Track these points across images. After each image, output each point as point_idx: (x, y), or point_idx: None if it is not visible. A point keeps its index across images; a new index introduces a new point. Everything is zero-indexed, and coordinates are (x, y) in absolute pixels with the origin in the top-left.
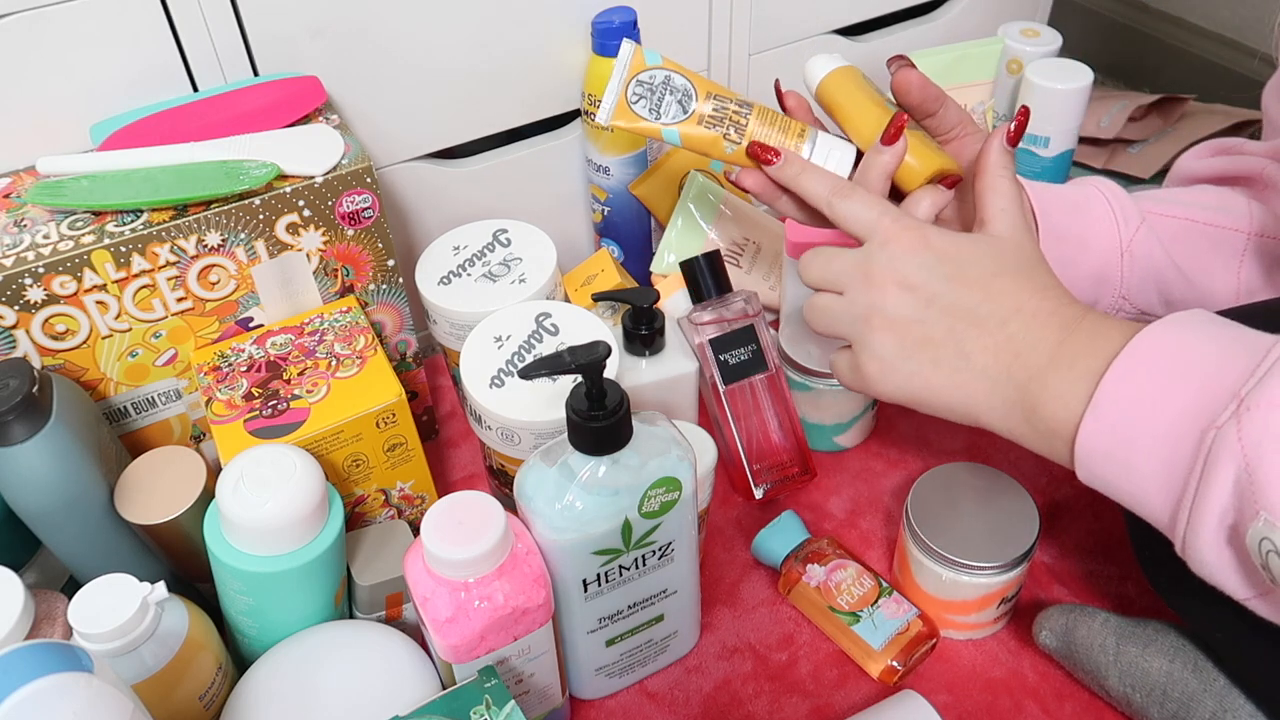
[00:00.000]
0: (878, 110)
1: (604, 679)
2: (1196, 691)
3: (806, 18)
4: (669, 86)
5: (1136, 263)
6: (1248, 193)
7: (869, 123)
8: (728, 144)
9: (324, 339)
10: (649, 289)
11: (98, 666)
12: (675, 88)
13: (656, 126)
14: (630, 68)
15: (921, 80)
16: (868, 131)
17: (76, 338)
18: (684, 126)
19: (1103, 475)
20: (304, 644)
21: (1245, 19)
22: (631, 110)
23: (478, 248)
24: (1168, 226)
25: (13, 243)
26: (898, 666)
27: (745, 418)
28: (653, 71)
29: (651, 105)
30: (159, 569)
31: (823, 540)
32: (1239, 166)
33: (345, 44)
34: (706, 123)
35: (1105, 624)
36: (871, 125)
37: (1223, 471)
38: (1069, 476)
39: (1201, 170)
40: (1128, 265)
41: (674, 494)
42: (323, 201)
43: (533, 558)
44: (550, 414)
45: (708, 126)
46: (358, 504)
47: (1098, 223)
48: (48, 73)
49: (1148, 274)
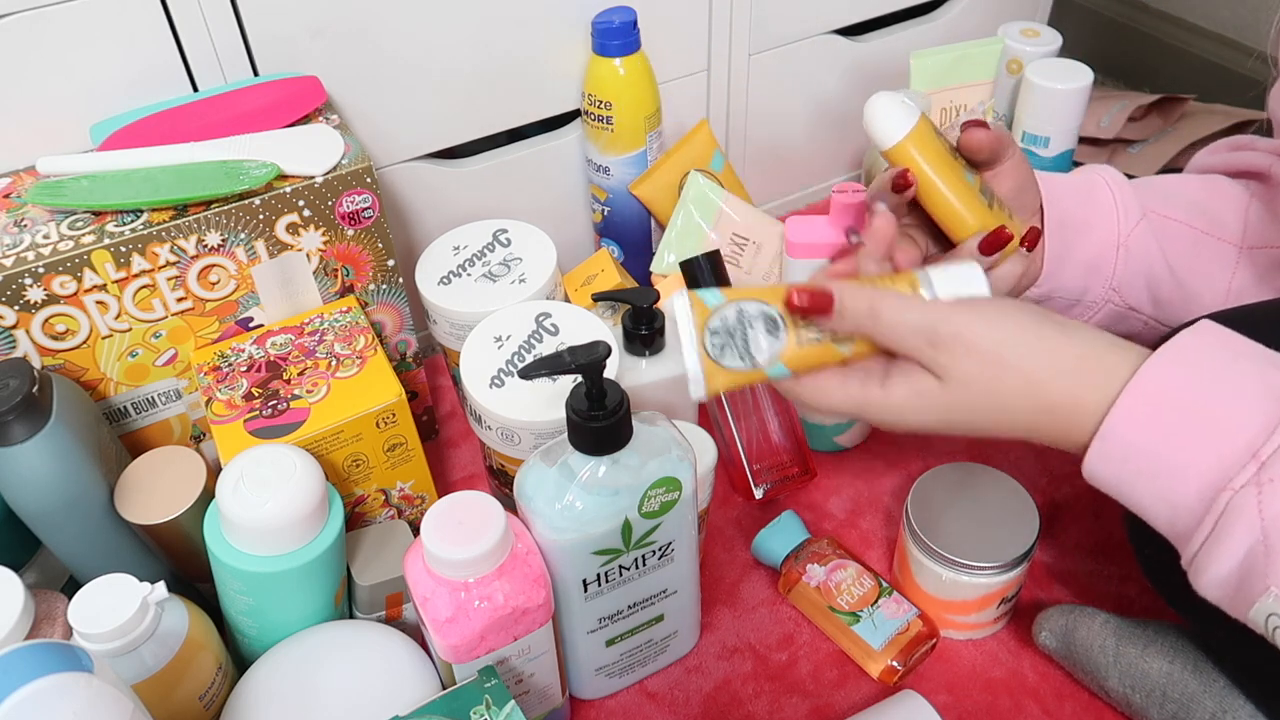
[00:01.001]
0: (972, 201)
1: (604, 679)
2: (1196, 692)
3: (806, 18)
4: (744, 319)
5: (1131, 257)
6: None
7: (963, 222)
8: (841, 346)
9: (324, 339)
10: (649, 289)
11: (98, 666)
12: (752, 317)
13: (761, 371)
14: (695, 323)
15: (991, 139)
16: (958, 226)
17: (76, 338)
18: (787, 356)
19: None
20: (304, 644)
21: (1245, 19)
22: (722, 368)
23: (478, 248)
24: (1166, 228)
25: (13, 243)
26: (898, 666)
27: (745, 418)
28: (721, 314)
29: (739, 350)
30: (159, 569)
31: (823, 540)
32: (1248, 161)
33: (345, 44)
34: (807, 342)
35: (1105, 624)
36: (965, 222)
37: (1237, 538)
38: (1069, 476)
39: (1215, 164)
40: (1122, 259)
41: (674, 494)
42: (323, 201)
43: (533, 558)
44: (550, 414)
45: (810, 343)
46: (358, 504)
47: (1100, 211)
48: (48, 73)
49: (1140, 270)
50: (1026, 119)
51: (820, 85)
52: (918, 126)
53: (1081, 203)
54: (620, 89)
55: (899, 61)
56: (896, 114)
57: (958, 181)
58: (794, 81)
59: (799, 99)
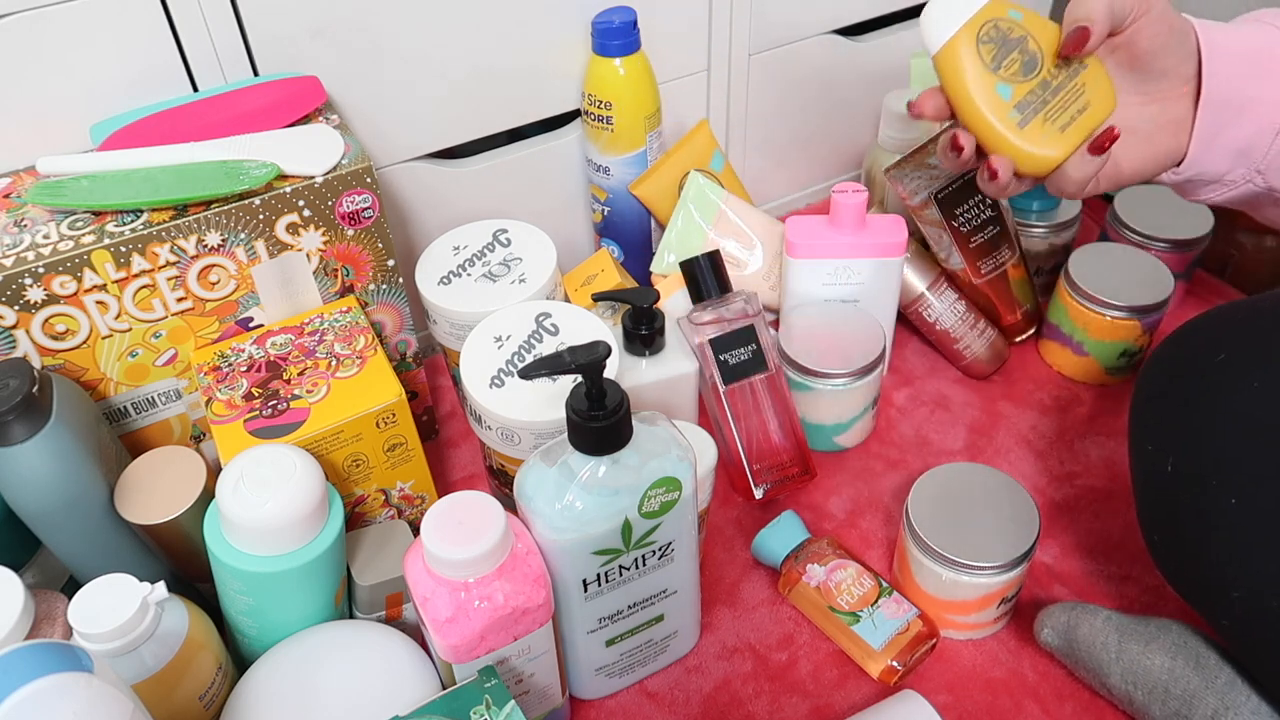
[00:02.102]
0: (992, 126)
1: (604, 679)
2: (1198, 689)
3: (806, 18)
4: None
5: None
6: None
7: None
8: None
9: (324, 339)
10: (649, 289)
11: (98, 666)
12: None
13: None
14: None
15: (1096, 38)
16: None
17: (76, 338)
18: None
19: None
20: (304, 644)
21: None
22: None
23: (478, 248)
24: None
25: (13, 243)
26: (898, 666)
27: (745, 418)
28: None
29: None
30: (159, 569)
31: (823, 540)
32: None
33: (345, 44)
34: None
35: (1107, 621)
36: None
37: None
38: (1069, 476)
39: None
40: (1277, 146)
41: (674, 494)
42: (323, 201)
43: (533, 558)
44: (550, 414)
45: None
46: (358, 504)
47: (1269, 85)
48: (48, 73)
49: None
50: None
51: (820, 85)
52: (958, 34)
53: (1249, 76)
54: (620, 89)
55: (899, 61)
56: (937, 16)
57: (986, 101)
58: (794, 81)
59: (799, 99)
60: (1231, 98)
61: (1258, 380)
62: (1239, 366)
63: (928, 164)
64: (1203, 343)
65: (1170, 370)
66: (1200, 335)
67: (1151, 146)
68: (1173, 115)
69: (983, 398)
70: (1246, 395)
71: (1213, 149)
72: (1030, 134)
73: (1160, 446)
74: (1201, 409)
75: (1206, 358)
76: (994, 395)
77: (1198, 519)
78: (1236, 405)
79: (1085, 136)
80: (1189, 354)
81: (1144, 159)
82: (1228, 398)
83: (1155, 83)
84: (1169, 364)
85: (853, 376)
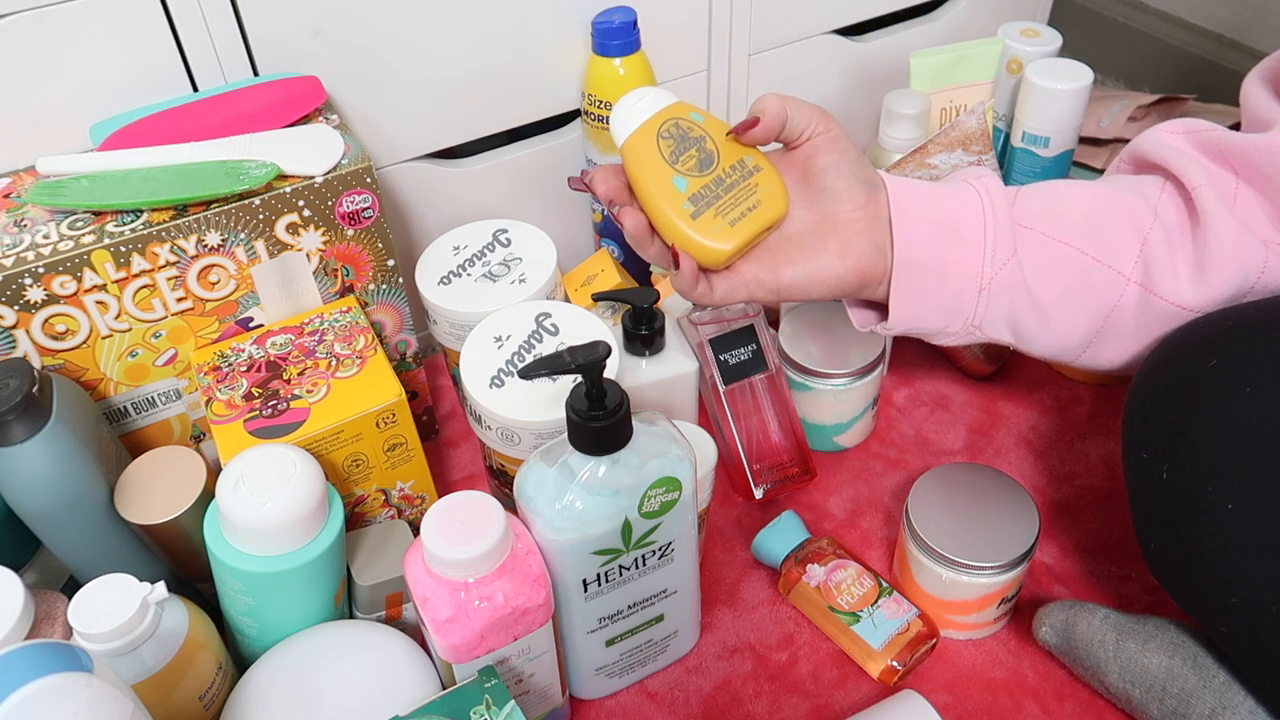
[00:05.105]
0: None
1: (604, 679)
2: (1196, 688)
3: (806, 18)
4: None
5: (993, 301)
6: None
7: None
8: None
9: (324, 339)
10: (649, 289)
11: (98, 666)
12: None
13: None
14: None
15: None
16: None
17: (76, 338)
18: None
19: None
20: (304, 644)
21: (1245, 19)
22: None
23: (478, 248)
24: (1047, 252)
25: (13, 243)
26: (898, 666)
27: (745, 418)
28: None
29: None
30: (159, 569)
31: (823, 540)
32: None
33: (345, 44)
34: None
35: (1105, 620)
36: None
37: None
38: (1069, 476)
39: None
40: (983, 303)
41: (674, 494)
42: (323, 201)
43: (533, 558)
44: (550, 414)
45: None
46: (358, 504)
47: (964, 252)
48: (48, 73)
49: (1001, 312)
50: (1026, 119)
51: (820, 85)
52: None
53: (942, 241)
54: (620, 89)
55: (899, 61)
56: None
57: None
58: (794, 81)
59: None
60: (926, 260)
61: (1249, 385)
62: (1230, 372)
63: (928, 164)
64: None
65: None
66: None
67: (813, 262)
68: (842, 239)
69: (983, 398)
70: (1239, 400)
71: (922, 307)
72: (702, 225)
73: (1154, 454)
74: (1194, 416)
75: (1198, 364)
76: (994, 395)
77: (1194, 525)
78: (1229, 411)
79: (755, 232)
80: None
81: (804, 273)
82: (1221, 403)
83: (828, 202)
84: (1160, 372)
85: (853, 376)
